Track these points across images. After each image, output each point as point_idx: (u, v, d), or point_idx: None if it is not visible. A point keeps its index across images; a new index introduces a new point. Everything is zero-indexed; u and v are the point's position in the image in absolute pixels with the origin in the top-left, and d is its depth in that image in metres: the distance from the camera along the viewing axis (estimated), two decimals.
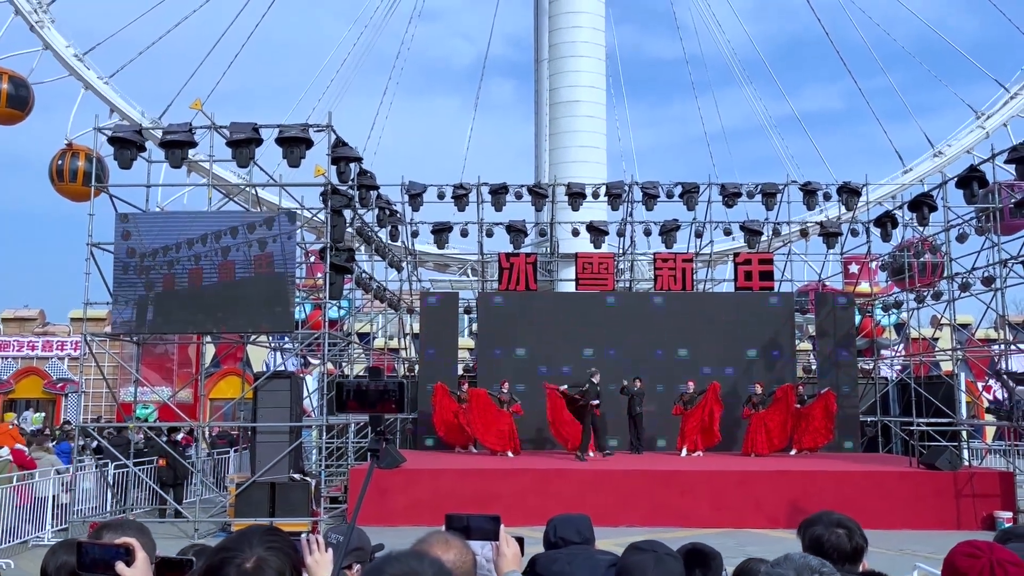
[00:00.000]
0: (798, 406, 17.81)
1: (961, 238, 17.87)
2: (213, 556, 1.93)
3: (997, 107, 33.06)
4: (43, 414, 30.66)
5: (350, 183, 15.08)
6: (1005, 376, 14.95)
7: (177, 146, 13.83)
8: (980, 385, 27.90)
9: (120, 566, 1.98)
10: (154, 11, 31.39)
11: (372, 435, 2.54)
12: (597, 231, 21.19)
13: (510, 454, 17.17)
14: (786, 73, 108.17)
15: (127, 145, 13.94)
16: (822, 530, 2.64)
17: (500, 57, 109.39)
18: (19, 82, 25.22)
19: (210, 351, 24.20)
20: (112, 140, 14.06)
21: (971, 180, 16.04)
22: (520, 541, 2.62)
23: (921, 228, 18.90)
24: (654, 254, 21.04)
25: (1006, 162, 15.57)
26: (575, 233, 21.71)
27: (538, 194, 21.03)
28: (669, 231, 21.00)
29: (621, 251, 22.49)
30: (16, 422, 21.46)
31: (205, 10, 32.08)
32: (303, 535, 2.41)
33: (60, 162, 25.38)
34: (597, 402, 16.66)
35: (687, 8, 37.99)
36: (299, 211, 16.16)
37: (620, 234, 22.07)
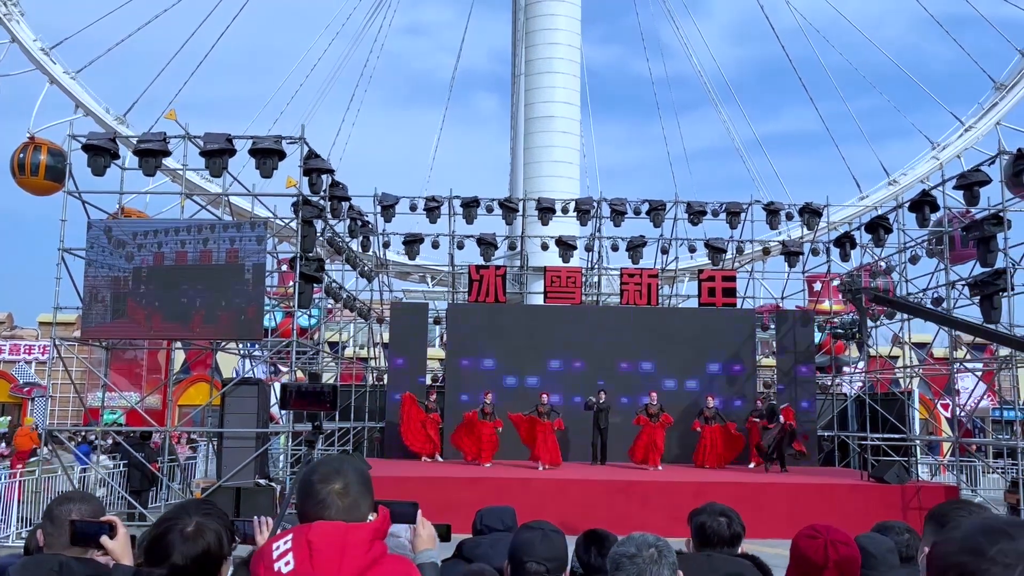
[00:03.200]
0: (756, 420, 18.26)
1: (913, 260, 18.53)
2: (157, 527, 2.27)
3: (953, 138, 34.07)
4: (9, 418, 30.45)
5: (322, 194, 15.38)
6: (859, 295, 15.57)
7: (151, 154, 14.06)
8: (938, 403, 28.63)
9: (104, 539, 2.35)
10: (127, 10, 31.49)
11: (310, 429, 2.89)
12: (566, 246, 21.60)
13: (487, 464, 17.23)
14: (769, 94, 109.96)
15: (100, 152, 14.14)
16: (706, 518, 3.05)
17: (484, 71, 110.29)
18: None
19: (180, 357, 24.29)
20: (86, 148, 14.26)
21: (923, 204, 16.68)
22: (448, 528, 2.97)
23: (877, 249, 19.53)
24: (621, 269, 21.48)
25: (954, 188, 16.24)
26: (544, 247, 22.13)
27: (509, 208, 21.43)
28: (636, 247, 21.48)
29: (589, 266, 22.93)
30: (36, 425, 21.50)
31: (182, 14, 32.30)
32: (255, 517, 2.75)
33: (22, 155, 25.22)
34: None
35: (672, 30, 38.72)
36: (271, 220, 16.41)
37: (588, 249, 22.53)
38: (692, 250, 22.74)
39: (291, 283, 17.55)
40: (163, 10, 31.98)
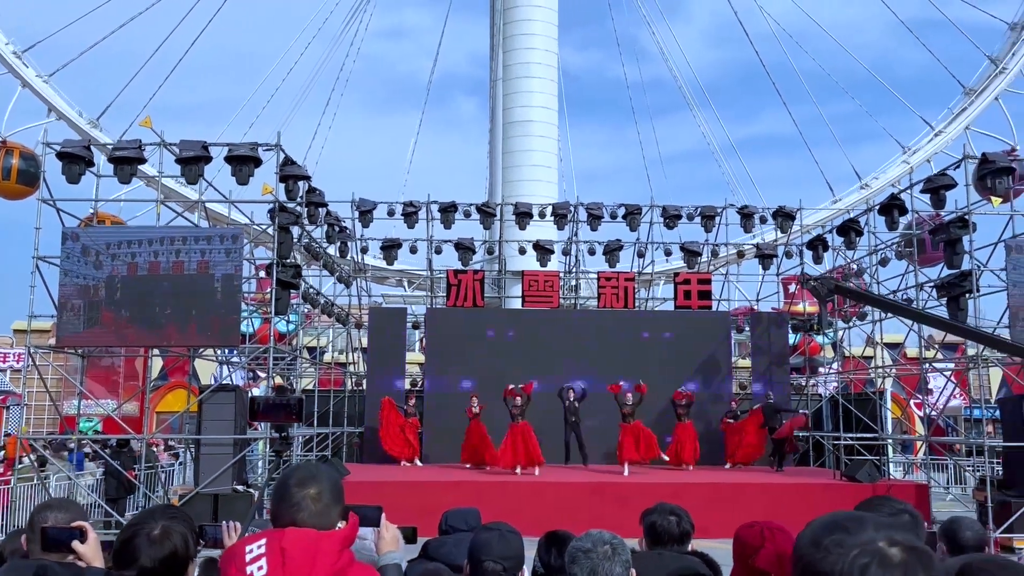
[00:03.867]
0: (730, 421, 18.49)
1: (883, 262, 18.87)
2: (124, 531, 2.38)
3: (923, 143, 34.64)
4: None
5: (299, 200, 15.44)
6: (814, 284, 15.70)
7: (126, 162, 14.06)
8: (911, 402, 29.09)
9: (76, 543, 2.46)
10: (101, 14, 31.26)
11: (278, 439, 3.01)
12: (543, 250, 21.78)
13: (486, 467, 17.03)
14: (748, 97, 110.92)
15: (75, 160, 14.12)
16: (657, 517, 3.21)
17: (463, 75, 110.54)
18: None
19: (157, 364, 24.17)
20: (60, 155, 14.23)
21: (892, 208, 17.01)
22: (414, 530, 3.09)
23: (849, 252, 19.87)
24: (598, 273, 21.68)
25: (922, 191, 16.58)
26: (522, 251, 22.29)
27: (486, 213, 21.58)
28: (612, 251, 21.70)
29: (567, 269, 23.12)
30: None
31: (158, 17, 32.13)
32: (223, 522, 2.86)
33: None
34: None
35: (650, 34, 39.05)
36: (248, 227, 16.45)
37: (566, 253, 22.73)
38: (668, 253, 23.02)
39: (268, 289, 17.59)
40: (138, 12, 31.81)
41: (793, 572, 1.45)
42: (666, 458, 17.33)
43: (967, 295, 15.56)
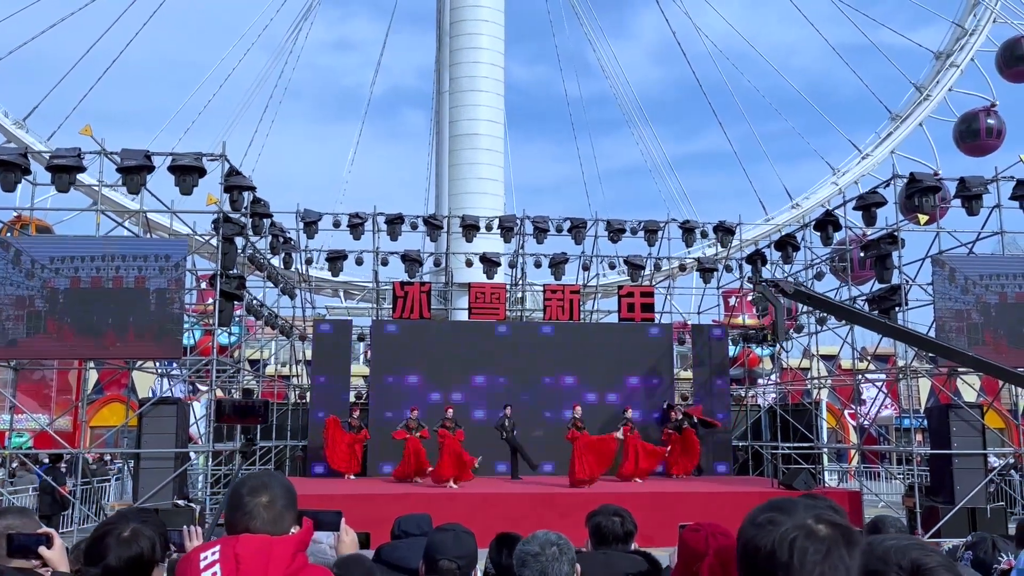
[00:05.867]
0: (671, 432, 18.78)
1: (819, 276, 19.53)
2: (96, 531, 2.43)
3: (852, 165, 35.94)
4: None
5: (243, 211, 15.29)
6: (770, 287, 15.65)
7: (65, 171, 13.76)
8: (846, 412, 29.99)
9: (43, 549, 2.49)
10: (35, 17, 30.46)
11: (242, 440, 3.08)
12: (490, 262, 21.92)
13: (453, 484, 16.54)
14: (692, 114, 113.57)
15: (11, 168, 13.76)
16: (602, 518, 3.37)
17: (411, 88, 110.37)
18: None
19: (92, 377, 23.53)
20: None
21: (826, 224, 17.62)
22: (367, 536, 3.18)
23: (786, 266, 20.50)
24: (544, 285, 21.91)
25: (854, 208, 17.24)
26: (469, 264, 22.40)
27: (433, 225, 21.64)
28: (558, 264, 21.97)
29: (513, 282, 23.30)
30: None
31: (95, 21, 31.37)
32: (184, 526, 2.91)
33: None
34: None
35: (597, 51, 39.65)
36: (191, 236, 16.22)
37: (512, 265, 22.91)
38: (612, 267, 23.38)
39: (211, 300, 17.33)
40: (70, 13, 31.06)
41: (737, 549, 1.62)
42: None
43: (896, 308, 16.21)
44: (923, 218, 16.00)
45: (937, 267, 15.78)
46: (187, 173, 13.95)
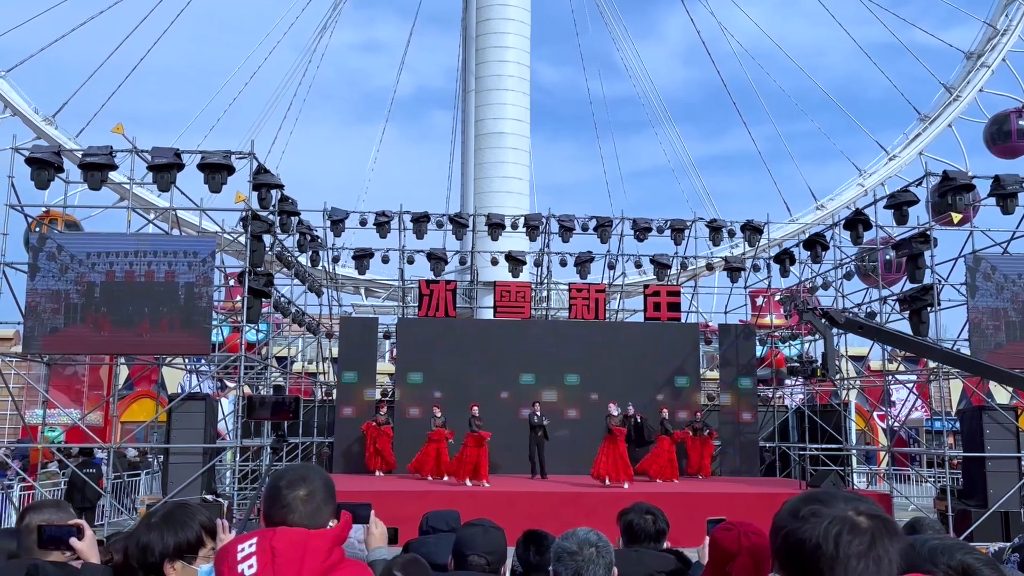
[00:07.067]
0: (692, 434, 18.58)
1: (848, 276, 19.27)
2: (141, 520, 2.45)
3: (879, 167, 35.46)
4: None
5: (271, 209, 15.40)
6: (819, 317, 15.18)
7: (96, 168, 13.94)
8: (874, 413, 29.58)
9: (73, 540, 2.51)
10: (66, 17, 30.96)
11: (274, 435, 3.09)
12: (515, 261, 21.90)
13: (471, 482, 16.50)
14: (720, 114, 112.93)
15: (44, 166, 13.97)
16: (634, 516, 3.33)
17: (439, 88, 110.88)
18: None
19: (123, 373, 23.85)
20: (29, 160, 14.08)
21: (857, 223, 17.38)
22: (396, 531, 3.18)
23: (815, 265, 20.25)
24: (569, 284, 21.84)
25: (885, 207, 16.99)
26: (494, 262, 22.39)
27: (459, 223, 21.66)
28: (584, 262, 21.88)
29: (538, 280, 23.26)
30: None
31: (125, 21, 31.81)
32: (216, 520, 2.93)
33: None
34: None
35: (623, 51, 39.52)
36: (219, 235, 16.38)
37: (537, 264, 22.86)
38: (638, 265, 23.25)
39: (239, 297, 17.48)
40: (99, 11, 31.54)
41: (772, 544, 1.59)
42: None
43: (928, 308, 15.95)
44: (956, 217, 15.73)
45: (972, 266, 15.52)
46: (216, 171, 14.09)
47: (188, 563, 2.47)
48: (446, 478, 17.15)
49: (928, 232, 15.98)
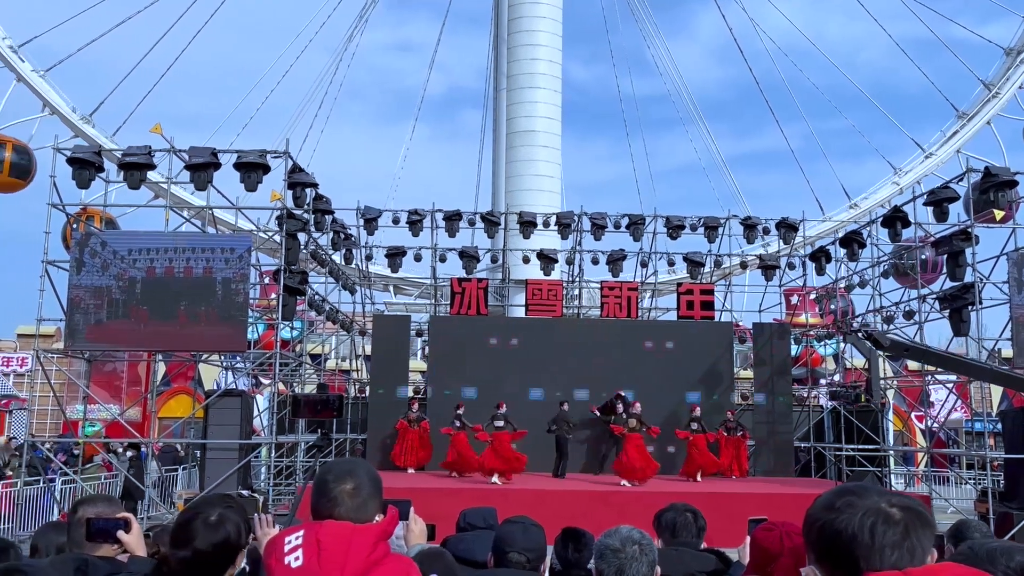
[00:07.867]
0: (726, 434, 18.38)
1: (885, 274, 18.96)
2: (184, 514, 2.48)
3: (915, 165, 34.78)
4: None
5: (306, 207, 15.56)
6: (863, 339, 14.83)
7: (136, 168, 14.19)
8: (912, 414, 29.11)
9: (120, 533, 2.56)
10: (101, 12, 31.45)
11: (319, 434, 3.11)
12: (547, 259, 21.87)
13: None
14: (754, 111, 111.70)
15: (85, 165, 14.25)
16: (674, 515, 3.31)
17: (471, 87, 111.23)
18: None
19: (161, 369, 24.26)
20: (71, 160, 14.37)
21: (895, 220, 17.09)
22: (433, 527, 3.19)
23: (852, 263, 19.96)
24: (601, 282, 21.75)
25: (924, 204, 16.68)
26: (526, 260, 22.38)
27: (490, 222, 21.69)
28: (616, 260, 21.77)
29: (570, 279, 23.20)
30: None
31: (161, 20, 32.30)
32: (255, 515, 2.96)
33: None
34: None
35: (654, 49, 39.32)
36: (254, 233, 16.58)
37: (569, 262, 22.81)
38: (671, 264, 23.09)
39: (273, 295, 17.66)
40: (136, 12, 32.07)
41: (807, 537, 1.62)
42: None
43: (970, 307, 15.63)
44: (999, 214, 15.40)
45: (1017, 262, 15.17)
46: (252, 170, 14.26)
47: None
48: (455, 475, 17.10)
49: (969, 229, 15.66)
